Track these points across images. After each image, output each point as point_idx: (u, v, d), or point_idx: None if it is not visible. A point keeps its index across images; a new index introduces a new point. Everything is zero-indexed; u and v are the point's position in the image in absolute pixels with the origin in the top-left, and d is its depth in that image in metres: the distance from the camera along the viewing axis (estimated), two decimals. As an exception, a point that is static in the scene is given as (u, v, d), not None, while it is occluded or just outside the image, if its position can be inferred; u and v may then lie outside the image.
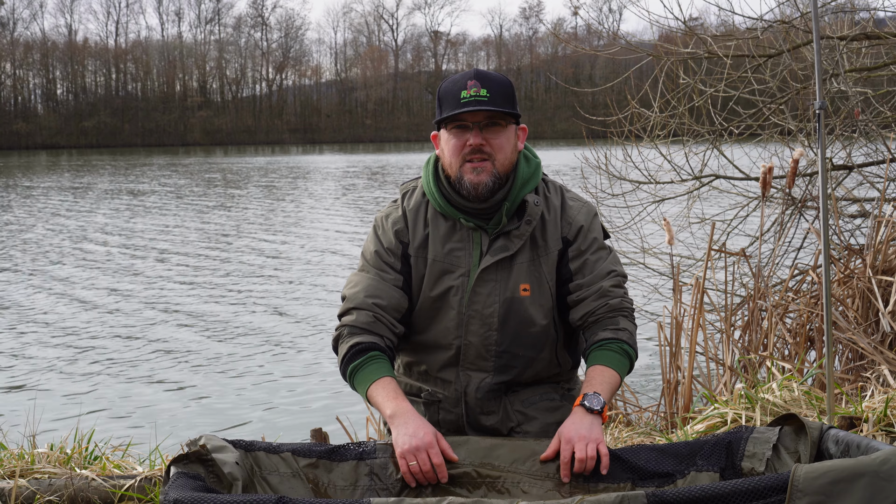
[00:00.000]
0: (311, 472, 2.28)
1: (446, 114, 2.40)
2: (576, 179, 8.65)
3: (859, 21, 7.04)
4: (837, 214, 6.17)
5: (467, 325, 2.47)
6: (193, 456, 2.10)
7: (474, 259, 2.47)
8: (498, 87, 2.40)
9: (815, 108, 2.98)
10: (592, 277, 2.48)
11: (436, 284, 2.48)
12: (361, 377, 2.39)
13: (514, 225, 2.46)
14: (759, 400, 3.42)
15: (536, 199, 2.48)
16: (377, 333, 2.43)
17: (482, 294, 2.46)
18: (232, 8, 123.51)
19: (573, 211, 2.53)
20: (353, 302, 2.47)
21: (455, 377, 2.52)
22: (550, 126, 77.46)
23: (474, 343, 2.48)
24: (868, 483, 1.74)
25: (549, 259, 2.49)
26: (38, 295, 11.41)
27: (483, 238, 2.47)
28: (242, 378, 7.70)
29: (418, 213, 2.53)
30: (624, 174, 7.35)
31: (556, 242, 2.49)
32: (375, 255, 2.52)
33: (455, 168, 2.43)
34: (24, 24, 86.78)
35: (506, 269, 2.46)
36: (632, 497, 1.77)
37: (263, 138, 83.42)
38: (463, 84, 2.40)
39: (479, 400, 2.51)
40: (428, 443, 2.24)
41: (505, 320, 2.46)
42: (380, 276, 2.49)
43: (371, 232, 2.58)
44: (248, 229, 18.21)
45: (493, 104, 2.38)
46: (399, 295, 2.48)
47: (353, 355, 2.40)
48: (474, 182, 2.40)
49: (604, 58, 10.35)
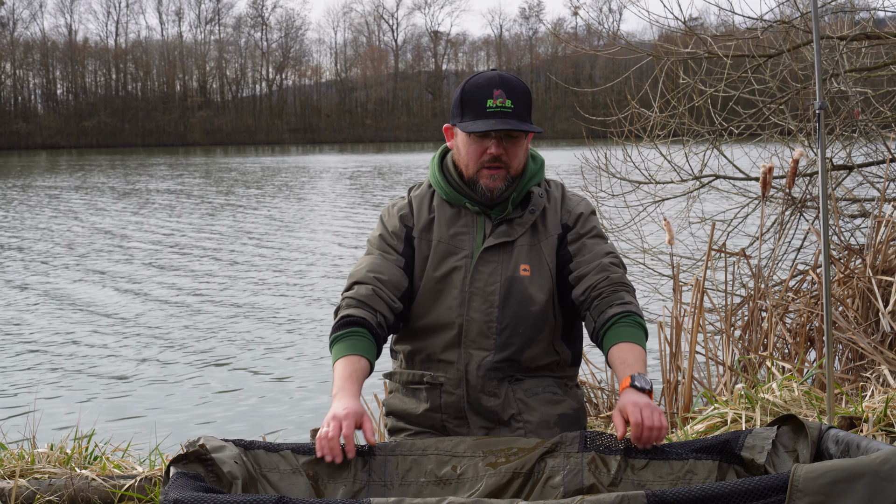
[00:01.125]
0: (310, 469, 2.28)
1: (471, 121, 2.49)
2: (576, 180, 8.64)
3: (859, 21, 7.04)
4: (837, 214, 6.17)
5: (469, 302, 2.54)
6: (193, 456, 2.10)
7: (478, 241, 2.57)
8: (521, 97, 2.51)
9: (815, 108, 2.98)
10: (591, 256, 2.56)
11: (440, 265, 2.56)
12: (337, 349, 2.44)
13: (518, 213, 2.58)
14: (759, 400, 3.42)
15: (540, 192, 2.60)
16: (373, 308, 2.49)
17: (484, 273, 2.54)
18: (232, 8, 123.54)
19: (572, 202, 2.65)
20: (356, 277, 2.56)
21: (457, 357, 2.56)
22: (550, 126, 77.49)
23: (476, 320, 2.54)
24: (868, 483, 1.74)
25: (549, 242, 2.59)
26: (37, 295, 11.41)
27: (487, 223, 2.58)
28: (242, 378, 7.70)
29: (423, 200, 2.64)
30: (624, 174, 7.35)
31: (555, 227, 2.60)
32: (380, 239, 2.62)
33: (472, 171, 2.55)
34: (24, 24, 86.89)
35: (507, 251, 2.56)
36: (632, 497, 1.77)
37: (263, 138, 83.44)
38: (489, 92, 2.49)
39: (480, 379, 2.55)
40: (345, 415, 2.26)
41: (506, 298, 2.54)
42: (383, 255, 2.58)
43: (378, 220, 2.68)
44: (248, 230, 18.22)
45: (517, 116, 2.49)
46: (400, 274, 2.56)
47: (340, 326, 2.47)
48: (490, 187, 2.53)
49: (604, 58, 10.36)
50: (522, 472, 2.33)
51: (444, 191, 2.61)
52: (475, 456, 2.32)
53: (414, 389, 2.62)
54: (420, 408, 2.59)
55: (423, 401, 2.59)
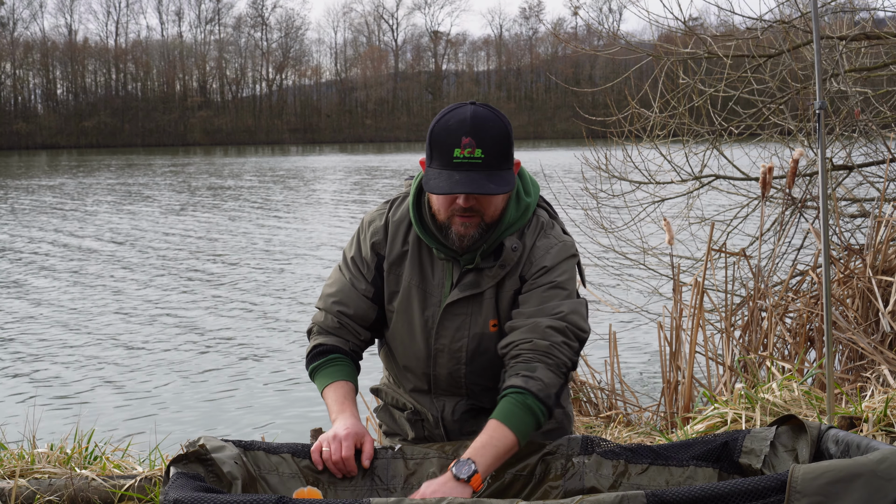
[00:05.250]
0: (310, 474, 2.29)
1: (437, 170, 2.24)
2: (576, 180, 8.65)
3: (859, 21, 7.04)
4: (837, 214, 6.17)
5: (436, 358, 2.44)
6: (193, 456, 2.10)
7: (445, 290, 2.40)
8: (493, 143, 2.22)
9: (815, 108, 2.98)
10: (534, 311, 2.30)
11: (407, 309, 2.44)
12: (321, 377, 2.47)
13: (489, 264, 2.36)
14: (759, 400, 3.43)
15: (515, 244, 2.35)
16: (341, 338, 2.50)
17: (450, 329, 2.40)
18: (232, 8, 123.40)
19: (539, 252, 2.37)
20: (324, 304, 2.52)
21: (430, 403, 2.52)
22: (550, 126, 77.45)
23: (443, 375, 2.46)
24: (866, 483, 1.74)
25: (505, 297, 2.37)
26: (37, 295, 11.41)
27: (455, 269, 2.39)
28: (242, 378, 7.71)
29: (399, 228, 2.44)
30: (624, 174, 7.35)
31: (514, 283, 2.37)
32: (352, 262, 2.50)
33: (443, 217, 2.33)
34: (24, 24, 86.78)
35: (476, 303, 2.38)
36: (631, 497, 1.77)
37: (263, 138, 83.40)
38: (457, 139, 2.21)
39: (456, 422, 2.50)
40: (345, 435, 2.28)
41: (473, 355, 2.41)
42: (353, 283, 2.48)
43: (355, 233, 2.54)
44: (248, 231, 18.21)
45: (487, 167, 2.21)
46: (367, 306, 2.48)
47: (315, 356, 2.49)
48: (461, 234, 2.30)
49: (604, 58, 10.35)
50: (523, 473, 2.33)
51: (418, 230, 2.39)
52: None
53: (398, 414, 2.60)
54: (408, 434, 2.57)
55: (408, 428, 2.56)
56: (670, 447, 2.30)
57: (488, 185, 2.20)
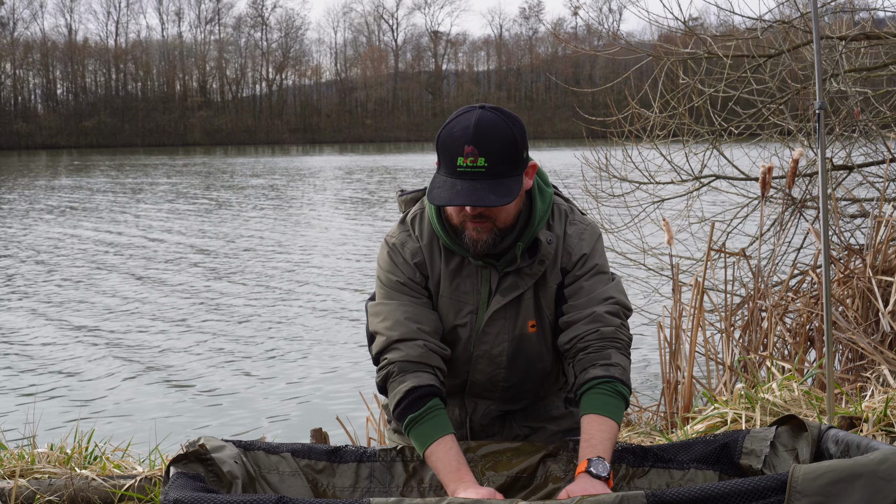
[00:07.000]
0: (311, 472, 2.29)
1: (442, 177, 2.21)
2: (576, 180, 8.65)
3: (859, 21, 7.04)
4: (837, 214, 6.17)
5: (475, 364, 2.40)
6: (193, 456, 2.10)
7: (483, 296, 2.35)
8: (499, 150, 2.16)
9: (814, 108, 2.98)
10: (587, 301, 2.32)
11: (444, 320, 2.38)
12: (420, 433, 2.22)
13: (526, 262, 2.32)
14: (759, 400, 3.42)
15: (550, 237, 2.33)
16: (430, 366, 2.29)
17: (491, 334, 2.37)
18: (232, 8, 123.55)
19: (573, 240, 2.37)
20: (396, 333, 2.30)
21: (460, 404, 2.50)
22: (550, 126, 77.46)
23: (481, 380, 2.43)
24: (866, 483, 1.74)
25: (548, 292, 2.36)
26: (37, 295, 11.41)
27: (492, 274, 2.35)
28: (242, 378, 7.71)
29: (433, 246, 2.38)
30: (624, 174, 7.35)
31: (555, 277, 2.36)
32: (401, 285, 2.37)
33: (455, 222, 2.29)
34: (24, 24, 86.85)
35: (514, 307, 2.36)
36: (631, 497, 1.78)
37: (263, 138, 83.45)
38: (460, 148, 2.16)
39: (483, 426, 2.50)
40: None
41: (513, 358, 2.39)
42: (413, 300, 2.35)
43: (386, 259, 2.41)
44: (248, 231, 18.21)
45: (491, 176, 2.16)
46: (436, 317, 2.36)
47: (411, 404, 2.24)
48: (474, 239, 2.26)
49: (604, 58, 10.35)
50: (524, 474, 2.34)
51: (444, 240, 2.35)
52: (477, 459, 2.34)
53: None
54: None
55: None
56: (670, 448, 2.30)
57: (488, 196, 2.15)
